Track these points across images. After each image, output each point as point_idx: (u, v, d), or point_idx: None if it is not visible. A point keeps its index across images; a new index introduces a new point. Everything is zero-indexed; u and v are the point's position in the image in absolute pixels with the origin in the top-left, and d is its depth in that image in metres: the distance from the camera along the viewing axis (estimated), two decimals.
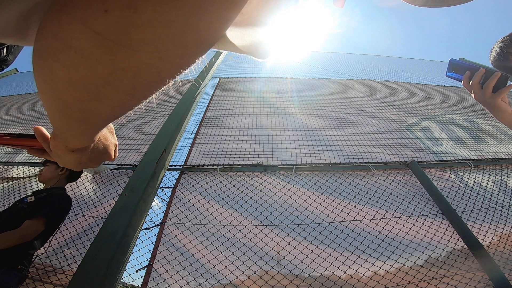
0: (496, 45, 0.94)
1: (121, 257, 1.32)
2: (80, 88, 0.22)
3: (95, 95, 0.23)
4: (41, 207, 1.51)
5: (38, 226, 1.44)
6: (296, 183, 2.17)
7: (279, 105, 3.26)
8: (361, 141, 2.65)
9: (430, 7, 0.40)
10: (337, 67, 4.88)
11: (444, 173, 2.33)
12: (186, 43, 0.21)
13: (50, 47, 0.20)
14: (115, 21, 0.18)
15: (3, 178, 2.40)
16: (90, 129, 0.32)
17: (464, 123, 3.15)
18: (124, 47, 0.19)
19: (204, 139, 2.62)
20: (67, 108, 0.25)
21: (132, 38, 0.19)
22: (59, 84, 0.22)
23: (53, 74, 0.21)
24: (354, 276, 1.60)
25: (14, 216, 1.49)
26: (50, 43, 0.20)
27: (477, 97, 0.84)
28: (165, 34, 0.19)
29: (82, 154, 0.40)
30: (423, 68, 5.47)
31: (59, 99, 0.24)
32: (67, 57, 0.20)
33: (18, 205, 1.57)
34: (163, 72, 0.22)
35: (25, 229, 1.39)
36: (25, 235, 1.38)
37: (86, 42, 0.19)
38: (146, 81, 0.23)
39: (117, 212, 1.46)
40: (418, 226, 1.86)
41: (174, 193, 2.09)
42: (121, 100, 0.24)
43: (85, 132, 0.33)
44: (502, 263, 1.62)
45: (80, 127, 0.30)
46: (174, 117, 2.29)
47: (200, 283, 1.57)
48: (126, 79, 0.21)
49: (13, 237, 1.35)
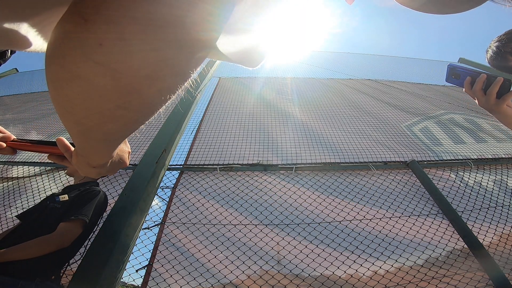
0: (493, 44, 0.93)
1: (121, 257, 1.32)
2: (96, 112, 0.24)
3: (110, 118, 0.25)
4: (77, 207, 1.33)
5: (76, 229, 1.26)
6: (296, 182, 2.16)
7: (279, 105, 3.26)
8: (361, 140, 2.65)
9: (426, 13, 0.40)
10: (337, 67, 4.87)
11: (444, 172, 2.33)
12: (174, 62, 0.23)
13: (60, 78, 0.23)
14: (110, 52, 0.20)
15: (3, 178, 2.40)
16: (109, 146, 0.36)
17: (464, 122, 3.15)
18: (124, 74, 0.21)
19: (204, 139, 2.62)
20: (88, 131, 0.28)
21: (129, 65, 0.21)
22: (77, 110, 0.25)
23: (70, 101, 0.24)
24: (354, 275, 1.60)
25: (46, 217, 1.31)
26: (59, 73, 0.22)
27: (481, 103, 0.82)
28: (157, 59, 0.22)
29: (102, 168, 0.44)
30: (423, 67, 5.47)
31: (80, 124, 0.27)
32: (78, 86, 0.22)
33: (49, 204, 1.38)
34: (163, 90, 0.25)
35: (62, 233, 1.22)
36: (63, 240, 1.21)
37: (90, 72, 0.21)
38: (150, 100, 0.25)
39: (117, 212, 1.46)
40: (418, 225, 1.85)
41: (174, 192, 2.09)
42: (133, 119, 0.27)
43: (105, 150, 0.37)
44: (502, 263, 1.62)
45: (100, 146, 0.34)
46: (174, 116, 2.29)
47: (200, 283, 1.57)
48: (133, 100, 0.24)
49: (51, 244, 1.18)
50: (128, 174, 2.20)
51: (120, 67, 0.21)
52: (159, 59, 0.22)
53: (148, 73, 0.22)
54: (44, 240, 1.18)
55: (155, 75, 0.23)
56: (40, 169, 2.41)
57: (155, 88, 0.24)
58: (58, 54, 0.22)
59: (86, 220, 1.30)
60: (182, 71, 0.25)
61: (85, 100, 0.23)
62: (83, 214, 1.31)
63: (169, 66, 0.23)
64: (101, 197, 1.47)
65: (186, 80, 0.26)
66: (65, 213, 1.31)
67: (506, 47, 0.87)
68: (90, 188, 1.48)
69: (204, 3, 0.22)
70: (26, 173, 2.40)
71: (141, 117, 0.28)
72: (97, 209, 1.42)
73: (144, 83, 0.23)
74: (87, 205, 1.36)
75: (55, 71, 0.23)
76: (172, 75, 0.24)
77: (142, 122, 0.29)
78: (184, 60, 0.24)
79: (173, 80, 0.25)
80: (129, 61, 0.21)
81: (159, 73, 0.23)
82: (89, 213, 1.34)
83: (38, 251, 1.15)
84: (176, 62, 0.23)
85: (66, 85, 0.22)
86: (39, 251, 1.15)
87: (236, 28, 0.31)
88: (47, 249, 1.17)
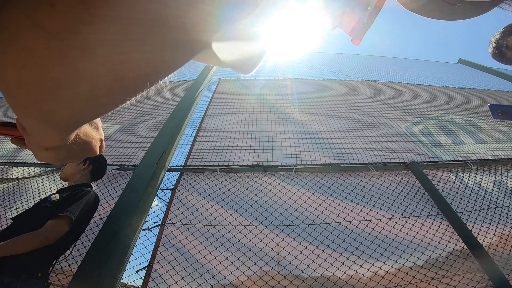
0: (492, 39, 0.96)
1: (121, 258, 1.33)
2: (32, 88, 0.20)
3: (50, 97, 0.20)
4: (65, 206, 1.35)
5: (62, 225, 1.27)
6: (296, 183, 2.17)
7: (279, 106, 3.26)
8: (361, 141, 2.65)
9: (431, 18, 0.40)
10: (337, 68, 4.89)
11: (444, 173, 2.33)
12: (151, 48, 0.19)
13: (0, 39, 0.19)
14: (63, 17, 0.16)
15: (3, 178, 2.40)
16: (56, 130, 0.29)
17: (464, 123, 3.15)
18: (74, 47, 0.17)
19: (204, 140, 2.62)
20: (24, 108, 0.23)
21: (83, 37, 0.17)
22: (10, 81, 0.20)
23: (3, 70, 0.20)
24: (354, 276, 1.60)
25: (36, 216, 1.33)
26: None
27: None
28: (122, 34, 0.17)
29: (57, 152, 0.37)
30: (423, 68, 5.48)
31: (15, 97, 0.22)
32: (15, 53, 0.18)
33: (41, 204, 1.41)
34: (125, 79, 0.20)
35: (48, 230, 1.23)
36: (48, 237, 1.21)
37: (32, 39, 0.17)
38: (107, 87, 0.20)
39: (117, 213, 1.47)
40: (418, 226, 1.86)
41: (174, 193, 2.10)
42: (82, 105, 0.22)
43: (52, 133, 0.30)
44: (502, 263, 1.62)
45: (43, 127, 0.27)
46: (174, 117, 2.30)
47: (200, 284, 1.57)
48: (82, 83, 0.19)
49: (35, 240, 1.19)
50: (128, 175, 2.20)
51: (72, 39, 0.17)
52: (125, 35, 0.17)
53: (107, 52, 0.18)
54: (29, 236, 1.19)
55: (117, 57, 0.18)
56: (40, 170, 2.41)
57: (116, 75, 0.19)
58: (3, 11, 0.18)
59: (72, 218, 1.30)
60: (154, 61, 0.20)
61: (19, 70, 0.19)
62: (69, 211, 1.31)
63: (136, 49, 0.18)
64: (91, 197, 1.47)
65: (159, 77, 0.22)
66: (53, 212, 1.33)
67: (503, 40, 0.90)
68: (81, 189, 1.48)
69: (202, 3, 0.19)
70: (26, 174, 2.40)
71: (95, 106, 0.22)
72: (86, 207, 1.42)
73: (101, 64, 0.18)
74: (75, 203, 1.36)
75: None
76: (140, 62, 0.20)
77: (97, 111, 0.24)
78: (160, 47, 0.20)
79: (142, 69, 0.20)
80: (85, 33, 0.16)
81: (123, 55, 0.18)
82: (76, 211, 1.33)
83: (23, 247, 1.16)
84: (146, 44, 0.19)
85: (2, 49, 0.18)
86: (24, 247, 1.16)
87: (233, 32, 0.28)
88: (32, 245, 1.18)
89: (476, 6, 0.38)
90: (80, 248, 1.70)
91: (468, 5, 0.38)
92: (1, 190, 2.28)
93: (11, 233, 1.26)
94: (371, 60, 5.91)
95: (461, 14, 0.38)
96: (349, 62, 5.57)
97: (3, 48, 0.19)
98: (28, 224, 1.29)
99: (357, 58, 5.95)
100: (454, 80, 5.01)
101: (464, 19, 0.40)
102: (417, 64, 5.80)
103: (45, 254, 1.25)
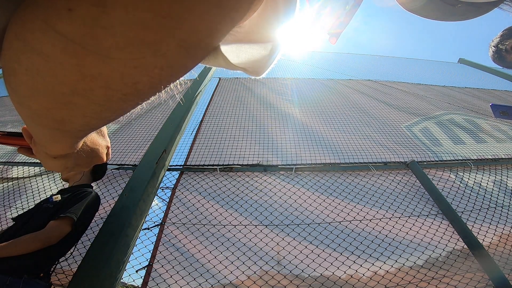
0: (492, 42, 0.96)
1: (121, 257, 1.33)
2: (46, 95, 0.20)
3: (64, 104, 0.20)
4: (67, 206, 1.36)
5: (64, 226, 1.28)
6: (296, 183, 2.17)
7: (279, 105, 3.26)
8: (361, 141, 2.65)
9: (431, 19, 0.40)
10: (337, 67, 4.88)
11: (444, 173, 2.33)
12: (166, 51, 0.18)
13: (12, 48, 0.18)
14: (81, 21, 0.16)
15: (3, 178, 2.40)
16: (66, 137, 0.29)
17: (464, 123, 3.15)
18: (91, 51, 0.17)
19: (204, 139, 2.62)
20: (36, 116, 0.23)
21: (100, 41, 0.16)
22: (23, 89, 0.20)
23: (16, 78, 0.19)
24: (354, 276, 1.60)
25: (38, 217, 1.33)
26: (12, 43, 0.18)
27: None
28: (139, 39, 0.17)
29: (66, 160, 0.37)
30: (423, 68, 5.48)
31: (27, 106, 0.22)
32: (29, 60, 0.18)
33: (43, 205, 1.41)
34: (140, 83, 0.20)
35: (50, 231, 1.23)
36: (50, 237, 1.22)
37: (48, 44, 0.17)
38: (121, 92, 0.20)
39: (117, 212, 1.47)
40: (418, 226, 1.85)
41: (174, 193, 2.09)
42: (95, 112, 0.22)
43: (61, 141, 0.30)
44: (502, 263, 1.62)
45: (54, 135, 0.27)
46: (174, 117, 2.30)
47: (200, 283, 1.57)
48: (97, 88, 0.19)
49: (37, 241, 1.19)
50: (128, 174, 2.20)
51: (89, 43, 0.16)
52: (142, 40, 0.17)
53: (123, 57, 0.17)
54: (31, 237, 1.20)
55: (132, 62, 0.18)
56: (40, 169, 2.41)
57: (131, 79, 0.19)
58: (16, 18, 0.18)
59: (74, 218, 1.31)
60: (169, 64, 0.20)
61: (34, 78, 0.18)
62: (71, 212, 1.32)
63: (153, 53, 0.18)
64: (93, 197, 1.48)
65: (171, 80, 0.22)
66: (55, 212, 1.33)
67: (502, 44, 0.90)
68: (83, 189, 1.49)
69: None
70: (26, 173, 2.40)
71: (106, 111, 0.22)
72: (88, 208, 1.42)
73: (116, 69, 0.18)
74: (77, 204, 1.37)
75: (8, 41, 0.19)
76: (155, 67, 0.19)
77: (107, 117, 0.24)
78: (175, 50, 0.19)
79: (157, 73, 0.20)
80: (102, 37, 0.16)
81: (139, 60, 0.18)
82: (78, 211, 1.34)
83: (25, 247, 1.16)
84: (162, 49, 0.18)
85: (16, 56, 0.18)
86: (26, 247, 1.17)
87: (246, 33, 0.27)
88: (34, 246, 1.18)
89: (476, 7, 0.38)
90: (80, 248, 1.70)
91: (469, 6, 0.38)
92: (1, 190, 2.28)
93: (13, 233, 1.26)
94: (371, 60, 5.90)
95: (461, 15, 0.38)
96: (349, 62, 5.56)
97: (17, 56, 0.18)
98: (30, 224, 1.30)
99: (357, 58, 5.94)
100: (454, 79, 5.01)
101: (465, 20, 0.40)
102: (417, 64, 5.80)
103: (47, 254, 1.25)
